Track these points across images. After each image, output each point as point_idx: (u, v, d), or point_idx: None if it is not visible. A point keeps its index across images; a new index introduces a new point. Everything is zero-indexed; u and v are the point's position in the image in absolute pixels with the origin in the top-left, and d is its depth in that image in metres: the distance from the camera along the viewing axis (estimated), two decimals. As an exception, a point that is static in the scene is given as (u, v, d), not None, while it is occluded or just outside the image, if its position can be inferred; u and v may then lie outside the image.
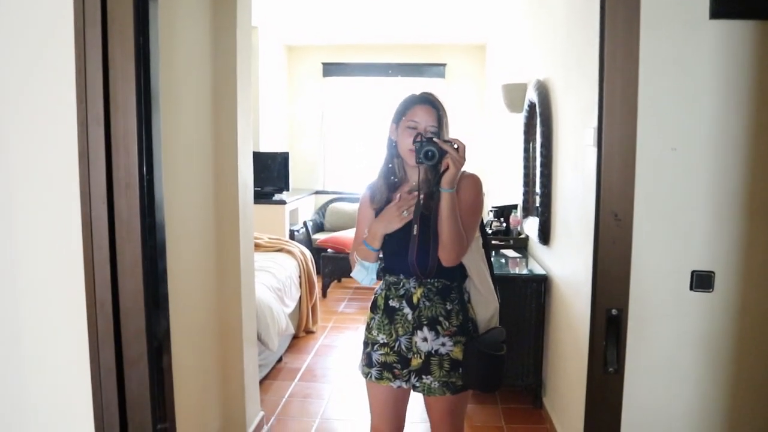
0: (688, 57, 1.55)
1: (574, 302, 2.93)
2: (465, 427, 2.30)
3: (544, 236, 3.56)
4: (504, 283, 2.23)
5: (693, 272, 1.60)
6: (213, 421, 2.91)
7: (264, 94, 6.57)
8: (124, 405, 1.26)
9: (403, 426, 2.25)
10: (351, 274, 2.21)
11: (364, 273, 2.12)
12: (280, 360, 4.32)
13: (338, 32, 6.73)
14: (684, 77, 1.56)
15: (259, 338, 3.56)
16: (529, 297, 3.49)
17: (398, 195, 2.06)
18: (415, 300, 2.07)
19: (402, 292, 2.09)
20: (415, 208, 2.01)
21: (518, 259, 3.90)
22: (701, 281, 1.59)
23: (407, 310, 2.08)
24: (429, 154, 1.93)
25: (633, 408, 1.64)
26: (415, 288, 2.07)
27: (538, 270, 3.58)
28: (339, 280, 6.48)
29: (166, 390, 1.49)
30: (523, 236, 4.22)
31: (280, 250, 4.85)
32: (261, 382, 3.77)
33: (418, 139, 1.96)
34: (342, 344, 4.80)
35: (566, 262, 3.13)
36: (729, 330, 1.62)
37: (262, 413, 3.36)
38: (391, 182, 2.13)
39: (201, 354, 2.76)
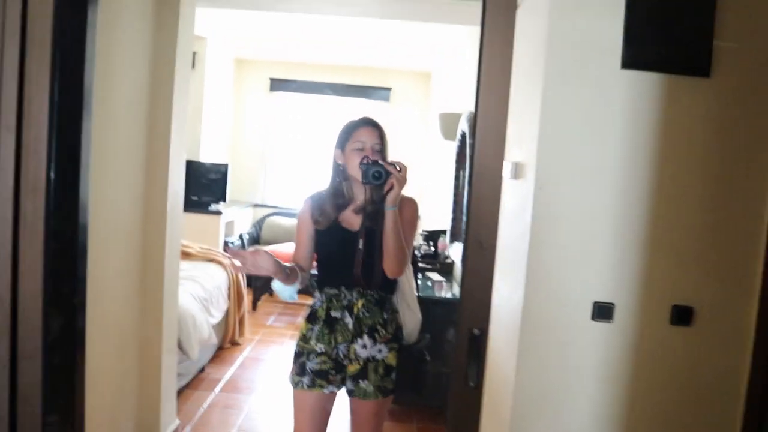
0: (597, 101, 1.64)
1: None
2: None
3: (467, 262, 3.70)
4: (428, 306, 2.34)
5: (595, 303, 1.67)
6: (126, 425, 2.90)
7: (209, 104, 6.57)
8: (15, 397, 1.31)
9: None
10: (273, 286, 2.32)
11: (288, 289, 2.27)
12: (202, 370, 4.31)
13: (287, 49, 6.80)
14: (592, 119, 1.64)
15: (179, 346, 3.56)
16: (452, 320, 3.61)
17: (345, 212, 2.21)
18: (355, 310, 2.19)
19: (345, 303, 2.20)
20: (361, 224, 2.17)
21: (443, 283, 4.04)
22: (602, 312, 1.67)
23: (348, 319, 2.19)
24: (377, 174, 2.07)
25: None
26: (356, 299, 2.20)
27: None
28: (270, 294, 6.48)
29: (76, 388, 1.53)
30: (449, 261, 4.37)
31: (210, 260, 4.85)
32: (180, 391, 3.75)
33: (365, 161, 2.10)
34: (268, 357, 4.81)
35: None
36: (625, 360, 1.69)
37: (177, 422, 3.36)
38: (339, 203, 2.25)
39: (118, 356, 2.76)
